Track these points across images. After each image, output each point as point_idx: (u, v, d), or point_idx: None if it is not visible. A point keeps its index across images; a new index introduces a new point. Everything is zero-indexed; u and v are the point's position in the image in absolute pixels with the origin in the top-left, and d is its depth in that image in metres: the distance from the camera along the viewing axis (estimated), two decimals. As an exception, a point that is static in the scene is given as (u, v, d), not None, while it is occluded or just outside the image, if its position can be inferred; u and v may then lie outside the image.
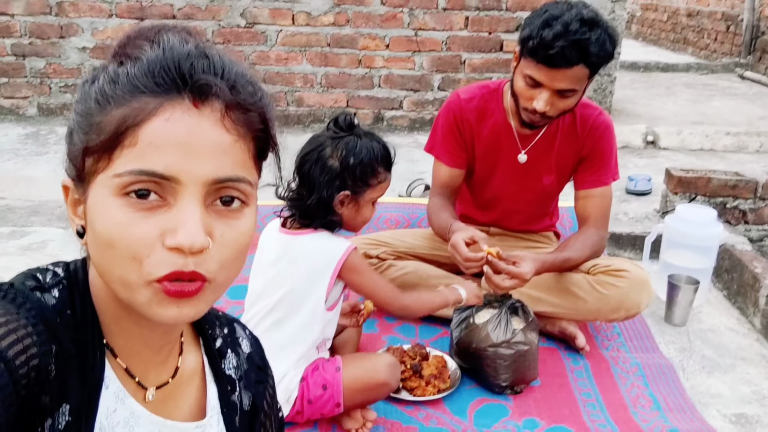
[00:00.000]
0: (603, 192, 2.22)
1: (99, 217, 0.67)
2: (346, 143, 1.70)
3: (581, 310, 2.16)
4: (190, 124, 0.66)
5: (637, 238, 2.97)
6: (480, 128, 2.23)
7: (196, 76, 0.66)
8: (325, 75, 4.52)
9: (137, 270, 0.66)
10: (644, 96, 5.84)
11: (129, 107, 0.65)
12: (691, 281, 2.40)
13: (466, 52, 4.47)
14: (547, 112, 1.96)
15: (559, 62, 1.86)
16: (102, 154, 0.66)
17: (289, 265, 1.73)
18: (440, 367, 1.99)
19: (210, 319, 0.92)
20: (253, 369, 0.95)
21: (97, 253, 0.69)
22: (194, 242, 0.65)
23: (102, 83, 0.67)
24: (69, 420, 0.69)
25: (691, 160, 4.29)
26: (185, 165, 0.65)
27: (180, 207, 0.66)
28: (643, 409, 1.92)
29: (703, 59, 8.03)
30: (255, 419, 0.94)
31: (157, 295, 0.67)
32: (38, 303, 0.69)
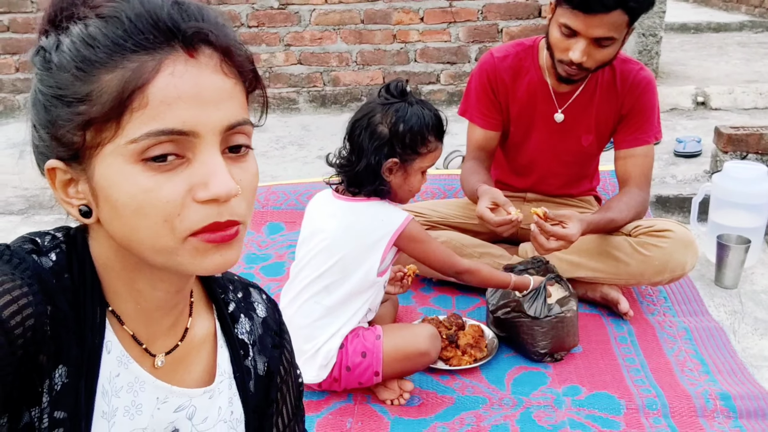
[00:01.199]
0: (645, 151, 2.13)
1: (120, 188, 0.65)
2: (396, 110, 1.68)
3: (623, 273, 2.08)
4: (193, 75, 0.64)
5: (685, 200, 2.85)
6: (515, 87, 2.16)
7: (184, 25, 0.64)
8: (360, 52, 4.48)
9: (170, 232, 0.66)
10: (695, 57, 5.60)
11: (124, 68, 0.63)
12: (741, 241, 2.28)
13: (503, 20, 4.36)
14: (584, 63, 1.88)
15: (595, 6, 1.78)
16: (106, 123, 0.64)
17: (344, 232, 1.72)
18: (477, 336, 1.95)
19: (223, 283, 0.90)
20: (269, 333, 0.93)
21: (121, 224, 0.67)
22: (230, 190, 0.65)
23: (75, 48, 0.64)
24: (66, 381, 0.68)
25: (744, 119, 4.09)
26: (200, 117, 0.64)
27: (203, 160, 0.65)
28: (690, 373, 1.84)
29: (757, 17, 7.65)
30: (270, 384, 0.92)
31: (197, 248, 0.67)
32: (34, 264, 0.68)
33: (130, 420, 0.75)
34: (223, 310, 0.88)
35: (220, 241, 0.68)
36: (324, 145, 3.89)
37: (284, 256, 2.56)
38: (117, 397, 0.74)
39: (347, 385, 1.75)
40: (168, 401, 0.79)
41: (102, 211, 0.68)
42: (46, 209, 3.15)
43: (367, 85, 4.54)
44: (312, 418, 1.69)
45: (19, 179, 3.45)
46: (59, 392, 0.67)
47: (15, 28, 4.46)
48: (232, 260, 0.70)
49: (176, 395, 0.79)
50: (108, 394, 0.73)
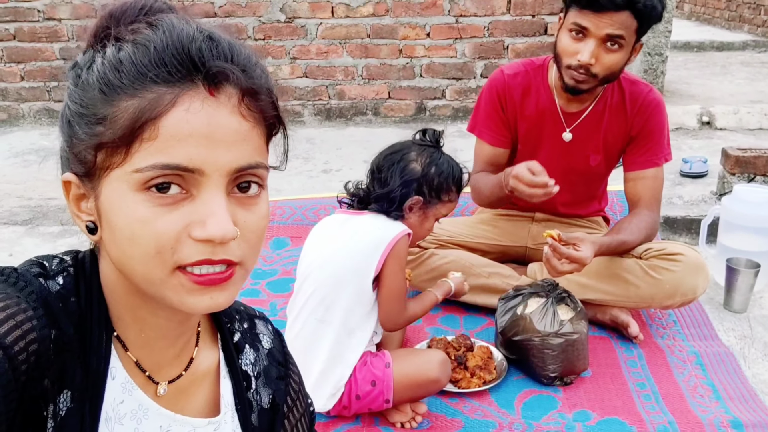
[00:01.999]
0: (655, 173, 2.12)
1: (119, 213, 0.65)
2: (431, 153, 1.75)
3: (633, 296, 2.07)
4: (209, 113, 0.64)
5: (692, 222, 2.84)
6: (524, 105, 2.16)
7: (209, 62, 0.64)
8: (365, 66, 4.49)
9: (161, 264, 0.65)
10: (698, 76, 5.62)
11: (142, 98, 0.63)
12: (751, 265, 2.27)
13: (509, 37, 4.37)
14: (592, 67, 1.89)
15: (605, 3, 1.81)
16: (117, 148, 0.64)
17: (343, 243, 1.71)
18: (485, 358, 1.93)
19: (229, 313, 0.90)
20: (274, 365, 0.92)
21: (116, 249, 0.67)
22: (226, 233, 0.64)
23: (103, 71, 0.64)
24: (70, 407, 0.67)
25: (750, 140, 4.09)
26: (208, 156, 0.64)
27: (205, 199, 0.65)
28: (701, 399, 1.82)
29: (760, 36, 7.69)
30: (275, 417, 0.91)
31: (183, 285, 0.66)
32: (40, 288, 0.67)
33: None
34: (228, 340, 0.87)
35: (208, 284, 0.66)
36: (329, 159, 3.88)
37: (290, 272, 2.54)
38: (120, 425, 0.73)
39: (357, 411, 1.73)
40: (171, 430, 0.78)
41: (104, 232, 0.68)
42: (51, 220, 3.13)
43: (372, 99, 4.55)
44: (320, 441, 1.67)
45: (23, 189, 3.44)
46: (63, 417, 0.67)
47: (21, 37, 4.47)
48: (222, 303, 0.69)
49: (180, 424, 0.78)
50: (111, 421, 0.72)
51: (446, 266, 2.25)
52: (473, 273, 2.25)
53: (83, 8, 4.41)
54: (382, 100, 4.55)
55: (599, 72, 1.92)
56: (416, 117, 4.57)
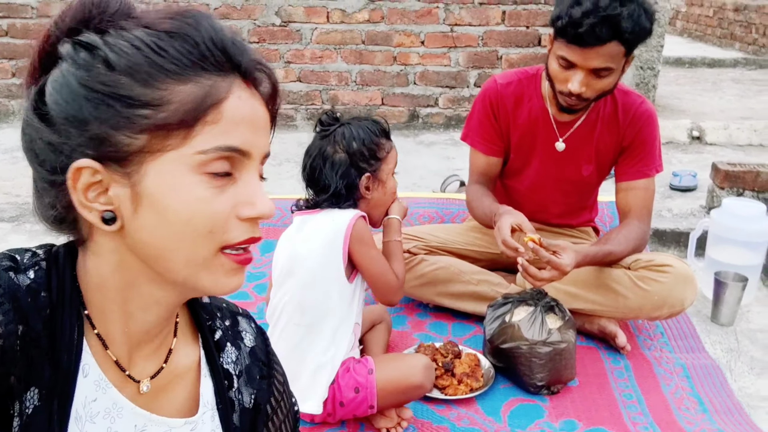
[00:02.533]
0: (646, 184, 2.13)
1: (175, 194, 0.66)
2: (342, 134, 1.73)
3: (622, 307, 2.07)
4: (251, 103, 0.70)
5: (681, 235, 2.85)
6: (516, 115, 2.16)
7: (245, 59, 0.70)
8: (359, 72, 4.49)
9: (210, 244, 0.69)
10: (689, 92, 5.67)
11: (199, 84, 0.66)
12: (739, 278, 2.28)
13: (503, 47, 4.38)
14: (584, 93, 1.89)
15: (590, 40, 1.79)
16: (176, 130, 0.65)
17: (305, 246, 1.71)
18: (473, 365, 1.93)
19: (210, 310, 0.88)
20: (257, 364, 0.90)
21: (160, 232, 0.67)
22: (272, 210, 0.71)
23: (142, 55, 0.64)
24: (38, 405, 0.66)
25: (739, 155, 4.12)
26: (254, 140, 0.70)
27: (247, 180, 0.70)
28: (687, 412, 1.82)
29: (751, 54, 7.76)
30: (258, 417, 0.89)
31: (223, 267, 0.70)
32: (9, 282, 0.66)
33: None
34: (209, 338, 0.86)
35: (243, 262, 0.72)
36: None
37: (279, 276, 2.52)
38: (92, 423, 0.71)
39: (342, 418, 1.72)
40: (146, 429, 0.76)
41: (141, 218, 0.67)
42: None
43: (366, 105, 4.55)
44: (305, 445, 1.65)
45: (11, 185, 3.41)
46: (30, 416, 0.65)
47: (13, 33, 4.44)
48: (242, 283, 0.74)
49: (155, 424, 0.77)
50: (81, 420, 0.71)
51: (435, 273, 2.25)
52: (462, 280, 2.25)
53: (77, 6, 4.39)
54: (376, 106, 4.55)
55: (591, 95, 1.93)
56: (409, 124, 4.57)
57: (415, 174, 3.66)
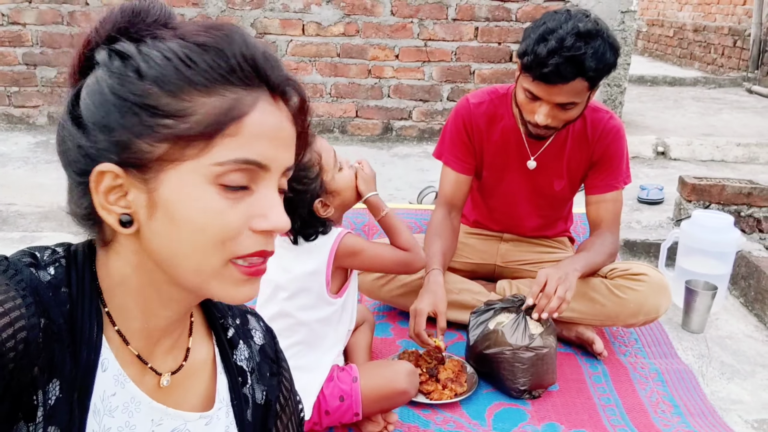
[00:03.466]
0: (615, 196, 2.19)
1: (190, 204, 0.67)
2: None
3: (599, 314, 2.13)
4: (276, 117, 0.71)
5: (651, 246, 2.95)
6: (489, 133, 2.21)
7: (274, 74, 0.70)
8: (334, 85, 4.53)
9: (220, 254, 0.69)
10: (653, 109, 5.84)
11: (223, 97, 0.67)
12: (709, 287, 2.37)
13: (476, 62, 4.47)
14: (550, 124, 1.94)
15: (554, 79, 1.82)
16: (193, 141, 0.66)
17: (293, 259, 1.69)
18: (457, 370, 1.96)
19: (222, 309, 0.91)
20: (267, 361, 0.93)
21: (171, 239, 0.68)
22: (286, 224, 0.71)
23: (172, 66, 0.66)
24: (59, 396, 0.68)
25: (702, 170, 4.27)
26: (274, 154, 0.70)
27: (264, 193, 0.70)
28: (663, 414, 1.89)
29: (710, 74, 8.03)
30: (268, 413, 0.92)
31: (233, 277, 0.71)
32: (31, 277, 0.67)
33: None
34: (222, 335, 0.88)
35: (254, 274, 0.72)
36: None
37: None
38: (111, 417, 0.73)
39: (329, 425, 1.74)
40: (163, 423, 0.78)
41: (155, 224, 0.68)
42: (11, 225, 3.06)
43: (340, 117, 4.59)
44: (295, 449, 1.67)
45: None
46: (53, 407, 0.67)
47: (-17, 39, 4.38)
48: (255, 294, 0.74)
49: (171, 417, 0.79)
50: (99, 413, 0.72)
51: (415, 282, 2.29)
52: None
53: (49, 14, 4.35)
54: (350, 118, 4.59)
55: (558, 125, 1.97)
56: (383, 136, 4.63)
57: (390, 186, 3.71)
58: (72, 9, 4.35)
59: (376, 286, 2.31)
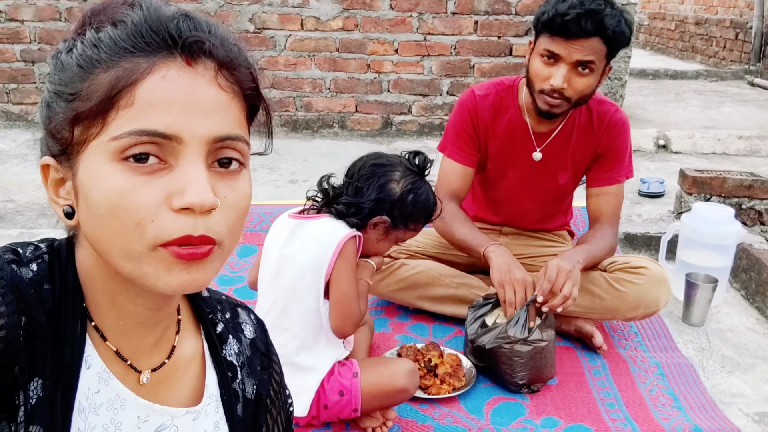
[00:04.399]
0: (617, 190, 2.18)
1: (96, 185, 0.64)
2: (415, 180, 1.74)
3: (598, 308, 2.12)
4: (185, 81, 0.64)
5: (651, 239, 2.93)
6: (495, 125, 2.19)
7: (186, 34, 0.65)
8: (333, 80, 4.51)
9: (140, 237, 0.64)
10: (654, 102, 5.81)
11: (119, 68, 0.63)
12: (709, 280, 2.35)
13: (475, 56, 4.45)
14: (565, 91, 1.93)
15: (575, 30, 1.84)
16: (94, 119, 0.64)
17: (294, 253, 1.70)
18: (455, 365, 1.95)
19: (211, 303, 0.89)
20: (257, 355, 0.92)
21: (94, 225, 0.66)
22: (205, 200, 0.63)
23: (82, 49, 0.65)
24: (41, 395, 0.66)
25: (704, 163, 4.24)
26: (186, 123, 0.64)
27: (183, 167, 0.64)
28: (663, 408, 1.88)
29: (711, 66, 8.00)
30: (259, 408, 0.90)
31: (165, 261, 0.65)
32: (11, 274, 0.66)
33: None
34: (211, 330, 0.86)
35: (188, 258, 0.65)
36: (295, 170, 3.88)
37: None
38: (95, 415, 0.72)
39: (326, 420, 1.73)
40: (149, 420, 0.77)
41: (80, 211, 0.67)
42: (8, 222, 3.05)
43: (339, 112, 4.57)
44: (291, 445, 1.66)
45: None
46: (34, 406, 0.66)
47: (-19, 36, 4.37)
48: (201, 281, 0.67)
49: (157, 414, 0.78)
50: (85, 411, 0.71)
51: (415, 276, 2.28)
52: (442, 283, 2.27)
53: (47, 10, 4.34)
54: (349, 113, 4.58)
55: (572, 96, 1.96)
56: (382, 131, 4.61)
57: (390, 180, 3.68)
58: (70, 5, 4.33)
59: (373, 281, 2.29)
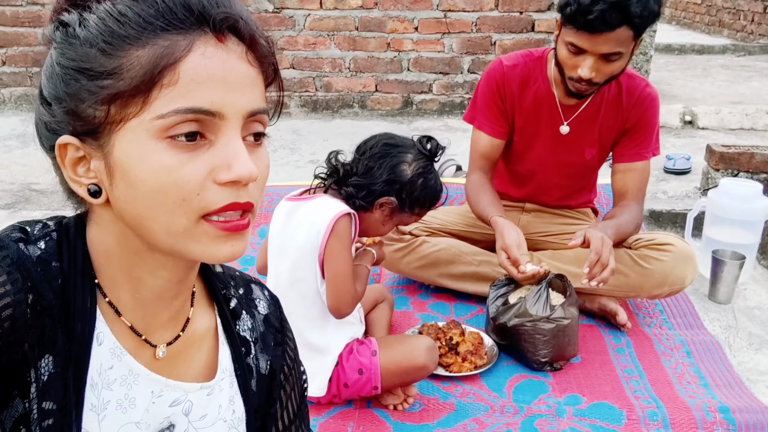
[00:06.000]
0: (643, 166, 2.14)
1: (141, 164, 0.64)
2: (425, 165, 1.72)
3: (623, 285, 2.09)
4: (222, 58, 0.65)
5: (677, 216, 2.88)
6: (522, 97, 2.16)
7: (214, 10, 0.65)
8: (353, 59, 4.48)
9: (187, 213, 0.65)
10: (680, 78, 5.70)
11: (156, 45, 0.63)
12: (736, 256, 2.31)
13: (497, 33, 4.39)
14: (594, 78, 1.89)
15: (599, 27, 1.78)
16: (133, 97, 0.63)
17: (293, 233, 1.69)
18: (476, 343, 1.94)
19: (224, 279, 0.89)
20: (271, 331, 0.91)
21: (136, 203, 0.66)
22: (252, 172, 0.66)
23: (104, 24, 0.63)
24: (53, 371, 0.66)
25: (731, 139, 4.16)
26: (227, 99, 0.65)
27: (226, 142, 0.66)
28: (689, 386, 1.85)
29: (739, 41, 7.82)
30: (273, 383, 0.90)
31: (209, 234, 0.67)
32: (18, 252, 0.66)
33: (123, 413, 0.73)
34: (224, 306, 0.86)
35: (233, 230, 0.68)
36: (316, 150, 3.87)
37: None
38: (109, 390, 0.72)
39: (347, 398, 1.74)
40: (163, 395, 0.77)
41: (116, 189, 0.67)
42: (33, 204, 3.09)
43: (360, 92, 4.54)
44: (314, 421, 1.67)
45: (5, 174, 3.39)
46: (46, 382, 0.66)
47: (3, 21, 4.39)
48: (241, 251, 0.70)
49: (171, 389, 0.78)
50: (97, 387, 0.71)
51: (437, 254, 2.27)
52: (464, 261, 2.26)
53: (68, -7, 4.34)
54: (369, 93, 4.55)
55: (601, 80, 1.92)
56: (403, 111, 4.58)
57: (411, 159, 3.66)
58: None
59: (395, 258, 2.28)
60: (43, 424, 0.66)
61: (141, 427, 0.75)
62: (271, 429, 0.91)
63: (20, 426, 0.65)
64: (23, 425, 0.65)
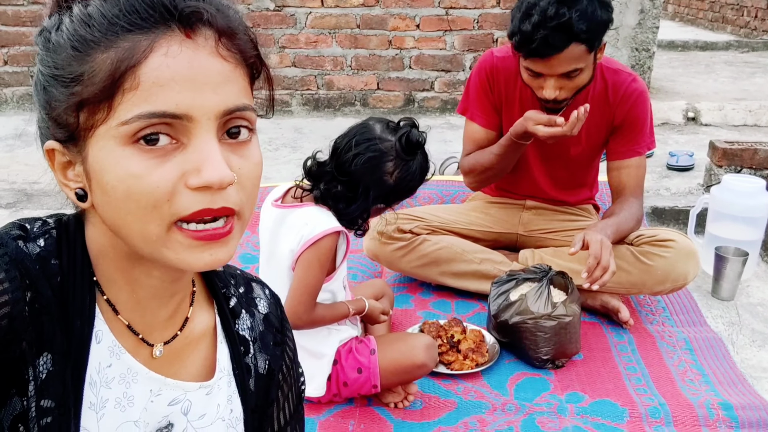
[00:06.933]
0: (638, 162, 2.13)
1: (110, 171, 0.62)
2: (408, 167, 1.63)
3: (625, 282, 2.08)
4: (188, 56, 0.62)
5: (680, 212, 2.87)
6: (508, 91, 2.15)
7: (181, 4, 0.62)
8: (354, 57, 4.47)
9: (158, 220, 0.63)
10: (683, 74, 5.68)
11: (118, 48, 0.61)
12: (739, 253, 2.30)
13: (499, 30, 4.37)
14: (559, 96, 1.88)
15: (546, 51, 1.78)
16: (99, 104, 0.61)
17: (280, 241, 1.67)
18: (477, 341, 1.93)
19: (224, 277, 0.88)
20: (270, 330, 0.90)
21: (110, 210, 0.65)
22: (223, 177, 0.62)
23: (73, 28, 0.62)
24: (51, 369, 0.66)
25: (734, 135, 4.14)
26: (195, 100, 0.62)
27: (197, 145, 0.62)
28: (691, 383, 1.84)
29: (743, 37, 7.78)
30: (271, 383, 0.90)
31: (182, 243, 0.64)
32: (16, 250, 0.65)
33: (122, 412, 0.73)
34: (224, 304, 0.86)
35: (208, 239, 0.65)
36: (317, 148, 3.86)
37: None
38: (107, 389, 0.72)
39: (347, 396, 1.73)
40: (162, 394, 0.76)
41: (94, 195, 0.66)
42: (35, 203, 3.09)
43: (361, 90, 4.53)
44: (314, 420, 1.66)
45: (7, 173, 3.39)
46: (44, 380, 0.66)
47: (4, 20, 4.40)
48: (222, 259, 0.67)
49: (170, 388, 0.77)
50: (96, 385, 0.71)
51: (438, 252, 2.26)
52: (465, 259, 2.25)
53: (69, -7, 4.34)
54: (371, 90, 4.54)
55: (569, 95, 1.92)
56: (405, 108, 4.57)
57: (412, 157, 3.65)
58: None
59: (395, 257, 2.28)
60: (42, 422, 0.65)
61: (139, 425, 0.75)
62: (267, 429, 0.91)
63: (18, 424, 0.65)
64: (21, 423, 0.65)
